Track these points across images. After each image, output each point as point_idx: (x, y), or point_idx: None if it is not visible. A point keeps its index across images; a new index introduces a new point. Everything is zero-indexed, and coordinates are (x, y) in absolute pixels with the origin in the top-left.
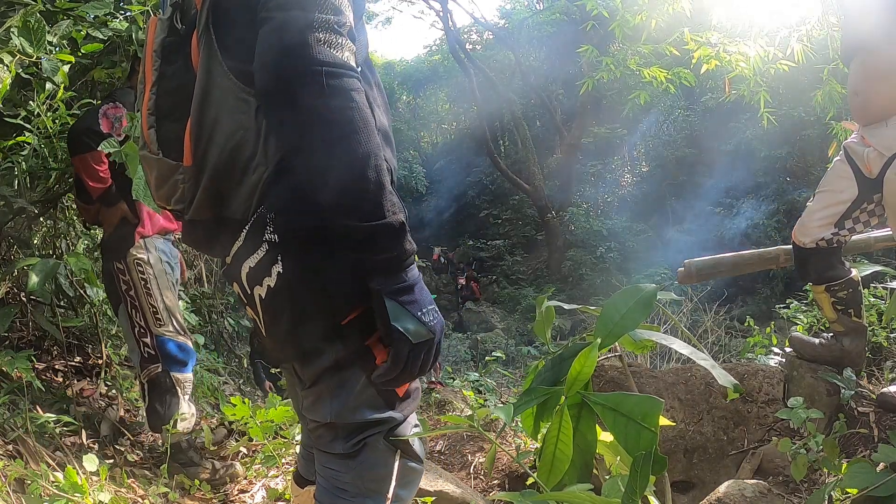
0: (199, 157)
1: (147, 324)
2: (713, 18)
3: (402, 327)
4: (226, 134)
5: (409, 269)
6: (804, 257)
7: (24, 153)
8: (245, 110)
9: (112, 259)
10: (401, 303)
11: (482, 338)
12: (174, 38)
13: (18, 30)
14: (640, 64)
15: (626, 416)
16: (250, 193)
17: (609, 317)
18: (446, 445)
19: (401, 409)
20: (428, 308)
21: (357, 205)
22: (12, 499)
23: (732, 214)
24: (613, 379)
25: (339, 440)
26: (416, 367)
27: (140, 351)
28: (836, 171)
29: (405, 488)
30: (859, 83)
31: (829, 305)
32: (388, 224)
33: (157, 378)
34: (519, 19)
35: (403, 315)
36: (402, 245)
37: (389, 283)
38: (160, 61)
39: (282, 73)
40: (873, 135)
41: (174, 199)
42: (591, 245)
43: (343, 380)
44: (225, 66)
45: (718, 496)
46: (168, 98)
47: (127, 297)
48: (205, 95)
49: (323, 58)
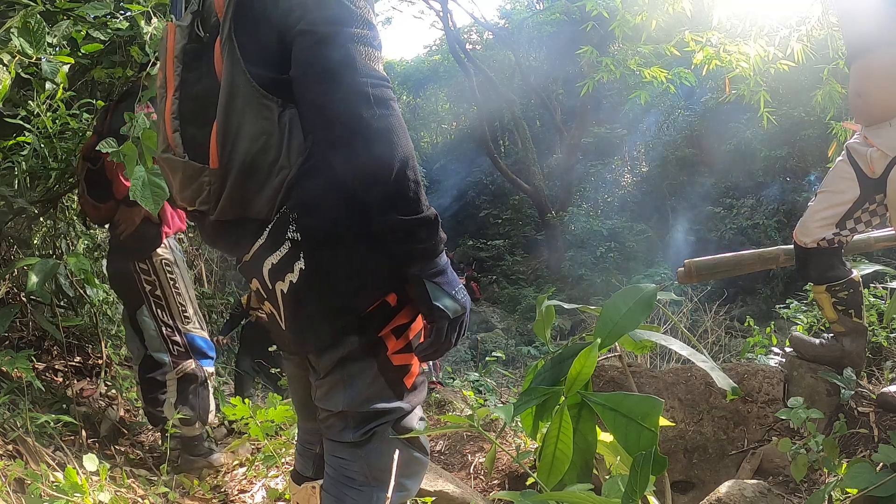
0: (225, 160)
1: (175, 322)
2: (714, 19)
3: (443, 304)
4: (250, 138)
5: (443, 255)
6: (805, 257)
7: (24, 153)
8: (268, 116)
9: (132, 259)
10: (438, 284)
11: (482, 338)
12: (195, 44)
13: (18, 30)
14: (640, 64)
15: (626, 416)
16: (273, 195)
17: (609, 317)
18: (446, 445)
19: (408, 399)
20: (458, 287)
21: (401, 202)
22: (12, 499)
23: (732, 214)
24: (613, 379)
25: (350, 429)
26: (452, 339)
27: (169, 350)
28: (838, 171)
29: (411, 478)
30: (862, 84)
31: (829, 306)
32: (426, 217)
33: (193, 373)
34: (519, 19)
35: (442, 294)
36: (439, 234)
37: (428, 268)
38: (182, 67)
39: (331, 87)
40: (877, 135)
41: (199, 201)
42: (591, 245)
43: (357, 370)
44: (248, 74)
45: (718, 496)
46: (190, 103)
47: (151, 298)
48: (230, 101)
49: (368, 71)
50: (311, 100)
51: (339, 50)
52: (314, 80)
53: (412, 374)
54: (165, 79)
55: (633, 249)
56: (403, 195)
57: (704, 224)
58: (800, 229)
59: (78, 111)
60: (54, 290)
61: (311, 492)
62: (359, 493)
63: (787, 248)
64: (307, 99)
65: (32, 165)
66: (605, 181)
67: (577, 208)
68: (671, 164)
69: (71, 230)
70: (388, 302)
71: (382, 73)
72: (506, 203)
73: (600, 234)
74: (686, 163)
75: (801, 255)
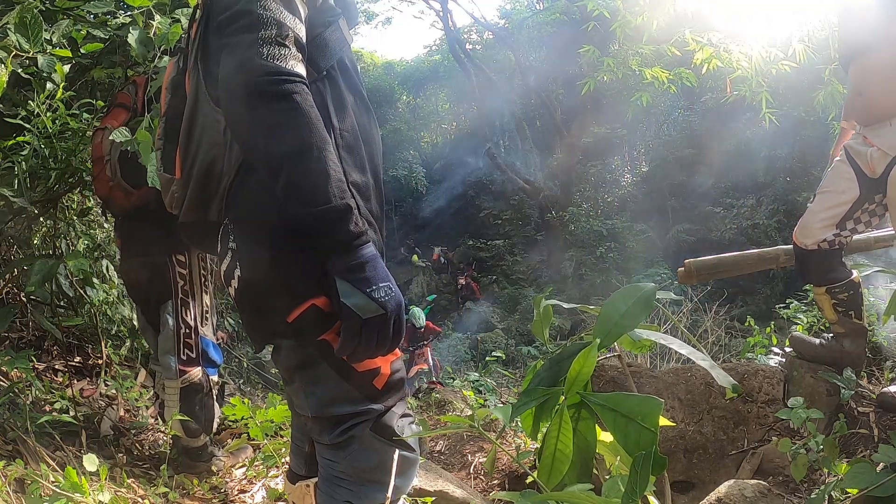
0: (187, 170)
1: (196, 323)
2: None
3: (351, 303)
4: (205, 150)
5: (360, 249)
6: (805, 259)
7: (24, 153)
8: (218, 129)
9: (170, 251)
10: (350, 281)
11: (482, 338)
12: (178, 75)
13: (15, 26)
14: (640, 64)
15: (626, 416)
16: (220, 201)
17: (609, 317)
18: (446, 445)
19: (382, 400)
20: (380, 285)
21: (303, 194)
22: (12, 499)
23: (732, 214)
24: (613, 379)
25: (326, 432)
26: (371, 342)
27: (178, 353)
28: (838, 171)
29: (400, 476)
30: (862, 83)
31: (829, 307)
32: (332, 208)
33: (200, 382)
34: (519, 19)
35: (351, 292)
36: (348, 227)
37: (340, 264)
38: (170, 95)
39: (234, 88)
40: (877, 135)
41: (173, 206)
42: (591, 245)
43: (315, 376)
44: (207, 94)
45: (718, 496)
46: (170, 124)
47: (180, 293)
48: (192, 119)
49: (266, 69)
50: (222, 105)
51: (243, 53)
52: (222, 88)
53: (382, 376)
54: (160, 106)
55: (633, 249)
56: (304, 186)
57: (704, 224)
58: (800, 231)
59: (78, 111)
60: (54, 290)
61: (306, 490)
62: (349, 492)
63: (787, 248)
64: (221, 105)
65: (32, 165)
66: (605, 181)
67: (577, 208)
68: (671, 164)
69: (71, 230)
70: (318, 306)
71: (290, 69)
72: (506, 203)
73: (600, 234)
74: (686, 163)
75: (802, 256)
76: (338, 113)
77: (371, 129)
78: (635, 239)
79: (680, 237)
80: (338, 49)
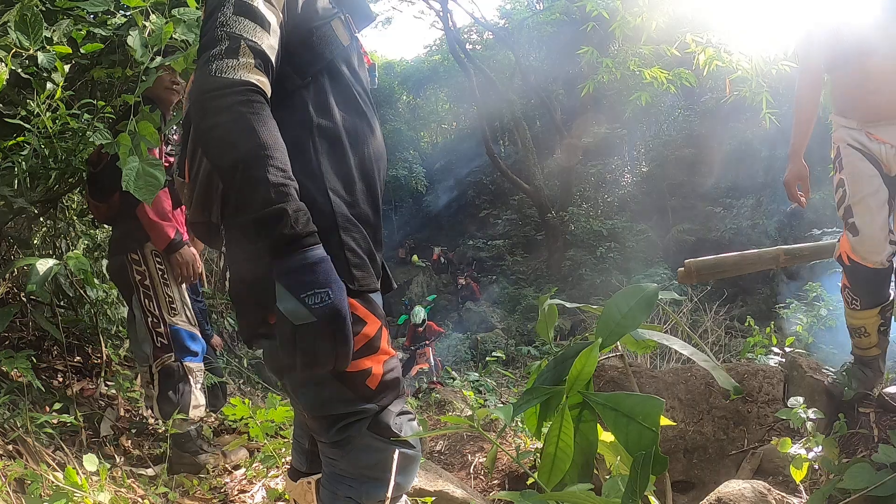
0: (193, 175)
1: (161, 313)
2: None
3: (282, 308)
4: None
5: (301, 252)
6: (868, 278)
7: (24, 153)
8: None
9: (125, 251)
10: (285, 284)
11: (482, 338)
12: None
13: (15, 24)
14: (640, 64)
15: (627, 415)
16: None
17: (610, 316)
18: (446, 445)
19: (377, 400)
20: (316, 291)
21: (243, 200)
22: (12, 499)
23: (732, 214)
24: (614, 379)
25: (324, 430)
26: (308, 350)
27: (153, 341)
28: (861, 171)
29: (401, 473)
30: (867, 82)
31: (876, 328)
32: (266, 212)
33: (171, 367)
34: (519, 19)
35: (285, 297)
36: (278, 231)
37: (278, 266)
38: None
39: (188, 107)
40: (886, 132)
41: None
42: (591, 245)
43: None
44: None
45: (718, 496)
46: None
47: (140, 287)
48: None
49: (210, 85)
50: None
51: (195, 75)
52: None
53: (375, 376)
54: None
55: (633, 249)
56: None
57: (704, 224)
58: (867, 248)
59: (78, 111)
60: (54, 290)
61: (307, 487)
62: (351, 488)
63: (788, 248)
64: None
65: (32, 165)
66: (605, 181)
67: (577, 208)
68: (671, 163)
69: (71, 230)
70: None
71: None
72: (506, 203)
73: (600, 234)
74: (686, 163)
75: (866, 276)
76: (319, 114)
77: (365, 131)
78: (635, 239)
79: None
80: (326, 51)
